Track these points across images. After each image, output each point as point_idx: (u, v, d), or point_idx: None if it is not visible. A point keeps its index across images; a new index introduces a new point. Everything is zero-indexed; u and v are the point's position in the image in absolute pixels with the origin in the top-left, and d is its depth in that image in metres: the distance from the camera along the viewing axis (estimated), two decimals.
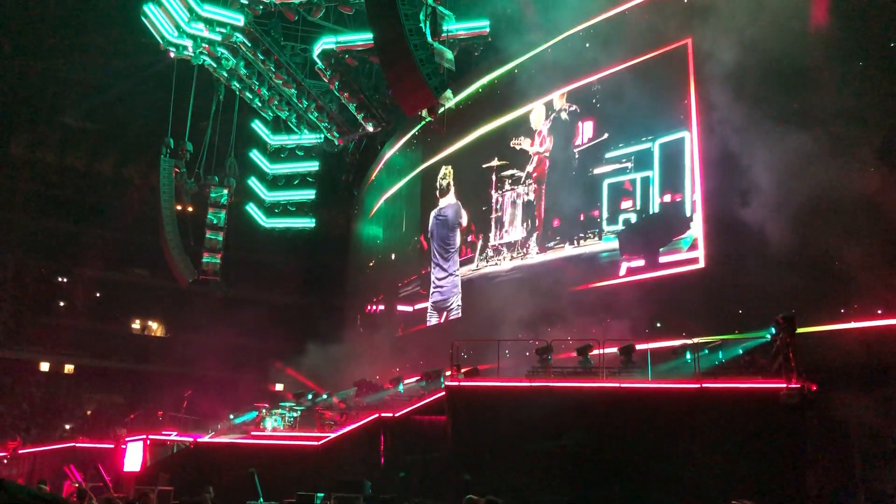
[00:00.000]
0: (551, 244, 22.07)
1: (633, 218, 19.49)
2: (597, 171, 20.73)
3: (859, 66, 15.49)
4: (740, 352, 14.33)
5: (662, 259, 18.38)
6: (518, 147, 23.78)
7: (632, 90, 19.66)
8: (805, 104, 15.32)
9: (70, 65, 36.23)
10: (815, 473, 12.93)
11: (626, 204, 19.74)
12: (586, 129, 21.36)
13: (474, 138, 26.26)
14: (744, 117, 16.11)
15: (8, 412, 33.96)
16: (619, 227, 19.79)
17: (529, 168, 23.44)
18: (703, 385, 13.31)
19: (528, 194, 23.40)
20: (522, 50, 24.10)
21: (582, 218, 21.00)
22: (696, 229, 17.53)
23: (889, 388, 13.58)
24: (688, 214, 17.86)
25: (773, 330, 13.16)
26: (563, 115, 22.18)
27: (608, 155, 20.44)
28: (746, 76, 16.28)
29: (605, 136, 20.64)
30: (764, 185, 15.64)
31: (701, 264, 17.29)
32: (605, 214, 20.32)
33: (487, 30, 25.23)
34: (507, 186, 24.29)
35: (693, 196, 17.76)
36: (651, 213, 19.06)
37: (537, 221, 22.81)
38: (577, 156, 21.63)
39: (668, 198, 18.67)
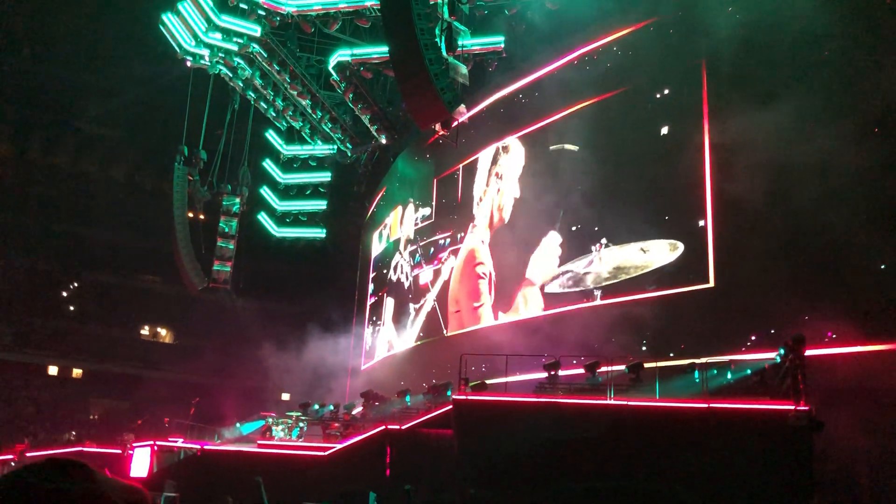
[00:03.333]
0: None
1: None
2: None
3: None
4: (749, 372, 14.30)
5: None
6: None
7: (644, 110, 19.82)
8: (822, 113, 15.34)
9: (87, 71, 36.63)
10: (821, 495, 12.86)
11: None
12: None
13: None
14: (752, 128, 16.23)
15: (16, 415, 34.12)
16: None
17: None
18: (711, 405, 13.29)
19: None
20: (537, 65, 24.31)
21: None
22: (706, 247, 17.54)
23: None
24: None
25: (783, 351, 13.13)
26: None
27: None
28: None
29: None
30: (774, 203, 15.69)
31: (710, 283, 17.28)
32: None
33: (502, 45, 25.42)
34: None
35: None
36: None
37: None
38: None
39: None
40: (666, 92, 19.58)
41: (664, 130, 19.37)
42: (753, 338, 15.63)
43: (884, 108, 14.85)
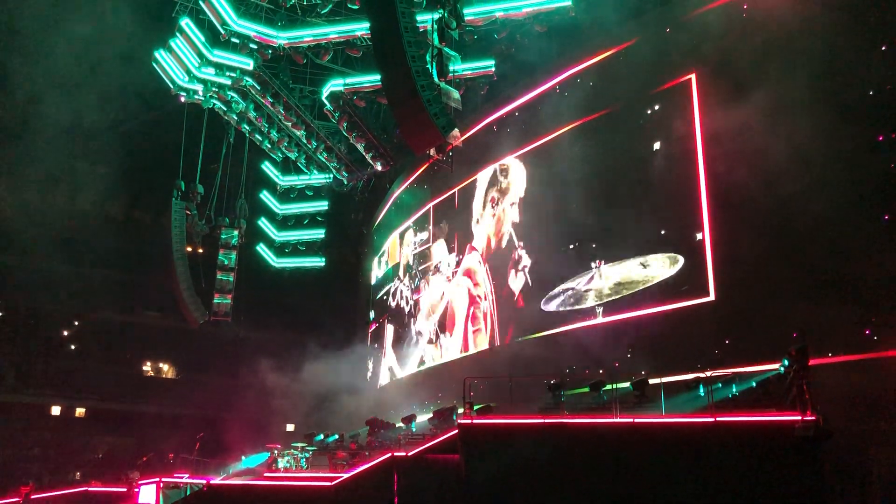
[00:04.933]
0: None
1: None
2: None
3: None
4: (754, 384, 14.25)
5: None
6: None
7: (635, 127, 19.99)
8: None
9: (81, 110, 36.75)
10: None
11: None
12: None
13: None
14: (745, 139, 16.34)
15: (20, 456, 33.89)
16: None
17: None
18: (717, 419, 13.24)
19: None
20: (528, 87, 24.51)
21: None
22: (706, 260, 17.55)
23: None
24: None
25: (787, 361, 13.10)
26: None
27: None
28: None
29: None
30: (771, 213, 15.77)
31: (711, 297, 17.28)
32: None
33: (493, 69, 25.64)
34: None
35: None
36: None
37: None
38: None
39: None
40: (657, 107, 19.71)
41: (657, 146, 19.46)
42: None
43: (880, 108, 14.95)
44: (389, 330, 32.49)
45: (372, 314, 35.81)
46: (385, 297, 33.62)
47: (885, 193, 14.50)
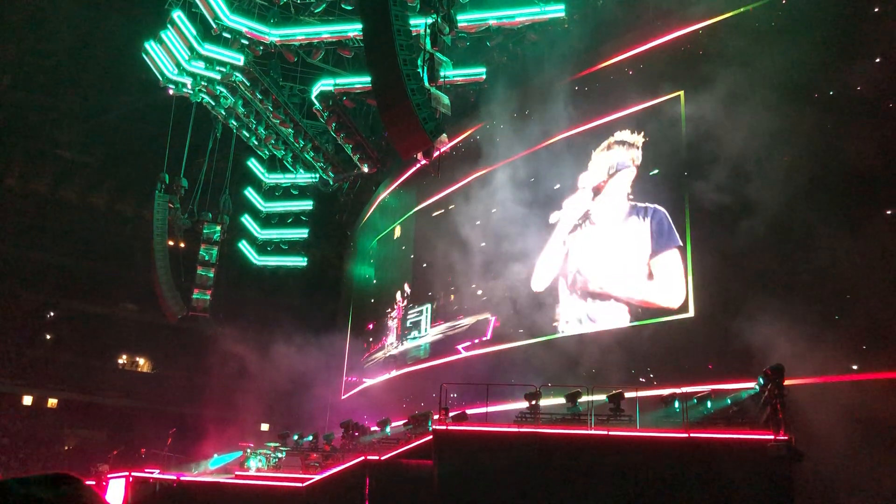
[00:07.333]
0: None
1: None
2: None
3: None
4: (729, 402, 14.32)
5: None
6: None
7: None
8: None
9: (68, 98, 36.51)
10: None
11: None
12: None
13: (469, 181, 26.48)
14: (726, 157, 16.48)
15: None
16: None
17: None
18: (691, 435, 13.27)
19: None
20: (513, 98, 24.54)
21: None
22: (686, 277, 17.63)
23: (877, 443, 13.53)
24: None
25: (762, 381, 13.17)
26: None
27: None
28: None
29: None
30: (749, 230, 15.86)
31: (690, 314, 17.35)
32: None
33: (484, 76, 25.66)
34: None
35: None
36: None
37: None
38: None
39: None
40: (645, 126, 19.83)
41: (646, 160, 19.58)
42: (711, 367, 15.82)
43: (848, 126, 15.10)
44: (374, 334, 32.41)
45: (357, 317, 35.64)
46: (373, 301, 33.50)
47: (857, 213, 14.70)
